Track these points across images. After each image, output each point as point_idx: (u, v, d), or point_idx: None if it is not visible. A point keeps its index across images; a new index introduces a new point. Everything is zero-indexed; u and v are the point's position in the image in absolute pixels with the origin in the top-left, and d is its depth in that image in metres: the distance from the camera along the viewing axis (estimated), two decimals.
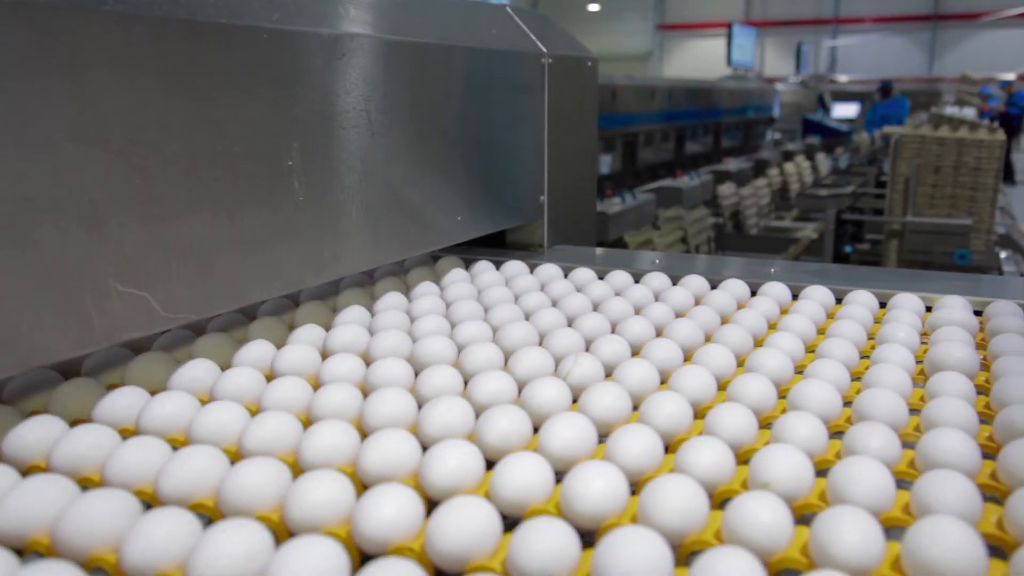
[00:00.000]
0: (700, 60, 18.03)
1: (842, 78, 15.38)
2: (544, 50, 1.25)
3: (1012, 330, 0.85)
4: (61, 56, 0.61)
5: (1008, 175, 9.33)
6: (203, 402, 0.72)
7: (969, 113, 4.88)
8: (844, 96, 11.97)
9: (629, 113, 5.35)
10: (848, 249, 4.37)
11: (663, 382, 0.78)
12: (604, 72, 2.62)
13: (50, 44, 0.60)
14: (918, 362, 0.82)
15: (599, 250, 1.31)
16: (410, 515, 0.52)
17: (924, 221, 3.88)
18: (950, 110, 5.09)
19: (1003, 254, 3.80)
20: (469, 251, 1.26)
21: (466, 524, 0.50)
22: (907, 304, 0.96)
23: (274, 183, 0.81)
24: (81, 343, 0.65)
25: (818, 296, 1.00)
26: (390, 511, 0.52)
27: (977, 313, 0.95)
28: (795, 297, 1.03)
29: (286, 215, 0.83)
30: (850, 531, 0.48)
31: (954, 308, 0.92)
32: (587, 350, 0.85)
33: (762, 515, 0.50)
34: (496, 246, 1.30)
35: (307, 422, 0.70)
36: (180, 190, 0.71)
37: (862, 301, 0.98)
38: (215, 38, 0.73)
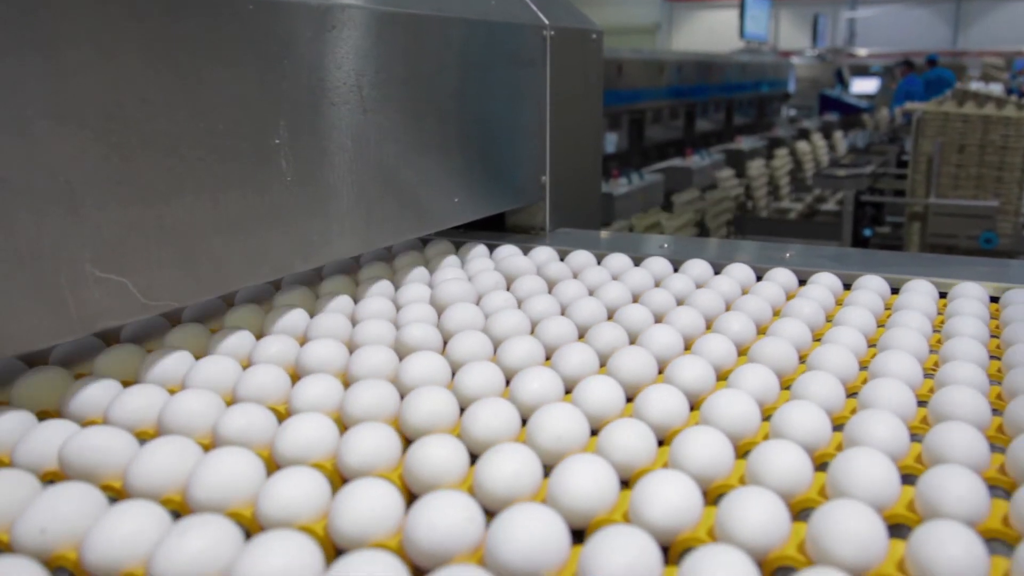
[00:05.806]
0: (711, 33, 17.91)
1: (861, 51, 15.25)
2: (546, 22, 1.24)
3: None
4: (35, 30, 0.61)
5: None
6: (172, 392, 0.72)
7: (996, 88, 4.86)
8: (863, 71, 11.88)
9: (636, 89, 5.32)
10: (868, 232, 4.37)
11: (660, 371, 0.78)
12: (609, 45, 2.61)
13: (24, 17, 0.60)
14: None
15: (603, 233, 1.31)
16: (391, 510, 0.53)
17: (948, 203, 3.88)
18: (976, 85, 5.07)
19: None
20: (467, 234, 1.25)
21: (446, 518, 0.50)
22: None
23: (260, 163, 0.81)
24: (56, 331, 0.65)
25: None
26: (368, 504, 0.53)
27: (994, 300, 0.96)
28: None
29: (273, 197, 0.83)
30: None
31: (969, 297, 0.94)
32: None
33: (756, 513, 0.50)
34: (496, 229, 1.30)
35: (285, 413, 0.70)
36: (161, 171, 0.71)
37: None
38: (197, 9, 0.73)
